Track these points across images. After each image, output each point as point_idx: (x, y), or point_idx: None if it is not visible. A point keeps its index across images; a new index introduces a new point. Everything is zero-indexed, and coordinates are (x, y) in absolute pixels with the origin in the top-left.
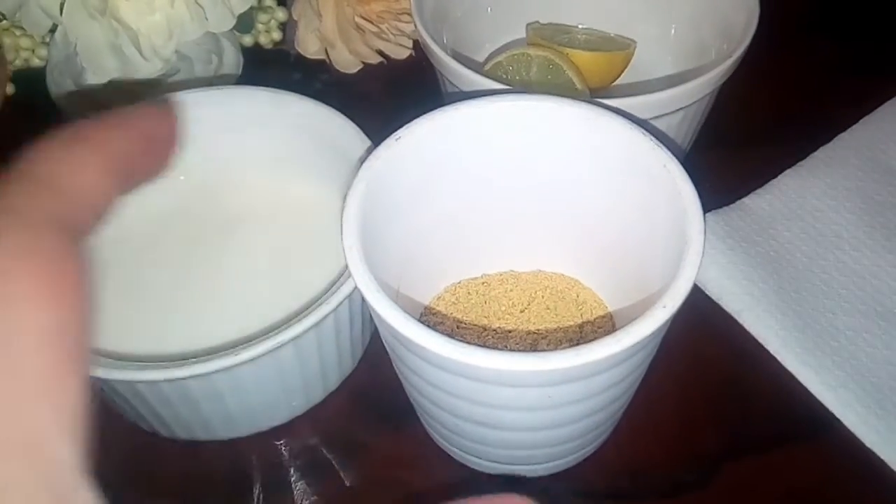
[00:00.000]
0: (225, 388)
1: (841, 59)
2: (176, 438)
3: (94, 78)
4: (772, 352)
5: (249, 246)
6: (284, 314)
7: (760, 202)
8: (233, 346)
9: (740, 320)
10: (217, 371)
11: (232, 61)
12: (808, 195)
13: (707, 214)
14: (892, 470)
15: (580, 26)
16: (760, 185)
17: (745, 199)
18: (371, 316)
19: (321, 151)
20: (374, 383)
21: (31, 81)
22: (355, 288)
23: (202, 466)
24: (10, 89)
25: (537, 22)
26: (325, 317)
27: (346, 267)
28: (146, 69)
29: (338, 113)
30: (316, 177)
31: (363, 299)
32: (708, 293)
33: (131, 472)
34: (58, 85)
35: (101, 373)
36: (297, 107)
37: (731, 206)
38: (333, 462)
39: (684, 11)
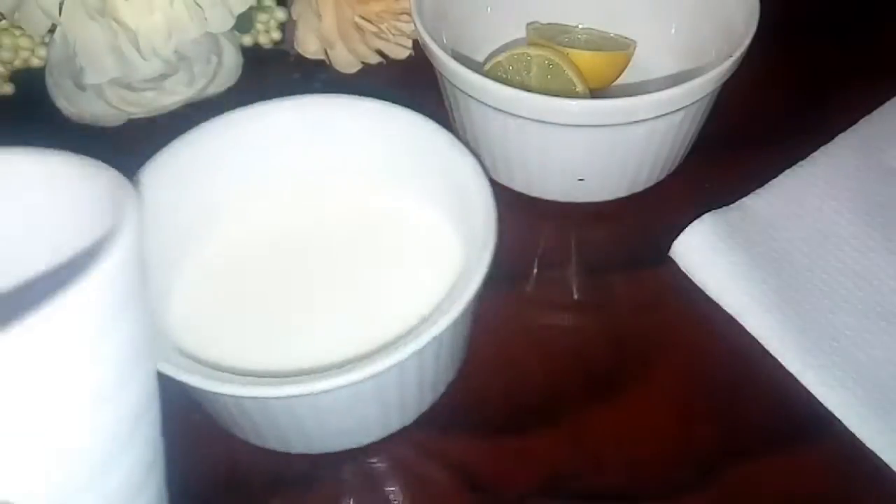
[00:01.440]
0: (325, 406)
1: (841, 59)
2: (269, 448)
3: (93, 78)
4: (772, 352)
5: (345, 258)
6: (380, 331)
7: (760, 202)
8: (337, 363)
9: (740, 320)
10: (320, 392)
11: (231, 61)
12: (808, 195)
13: (707, 214)
14: (892, 471)
15: (580, 26)
16: (760, 185)
17: (745, 199)
18: (465, 335)
19: (423, 168)
20: (469, 401)
21: (31, 81)
22: (461, 313)
23: (290, 477)
24: (9, 89)
25: (537, 22)
26: (428, 343)
27: (450, 293)
28: (145, 69)
29: (444, 130)
30: (415, 192)
31: None
32: (708, 293)
33: (220, 478)
34: (57, 85)
35: (204, 383)
36: (401, 120)
37: (731, 206)
38: (419, 483)
39: (684, 11)
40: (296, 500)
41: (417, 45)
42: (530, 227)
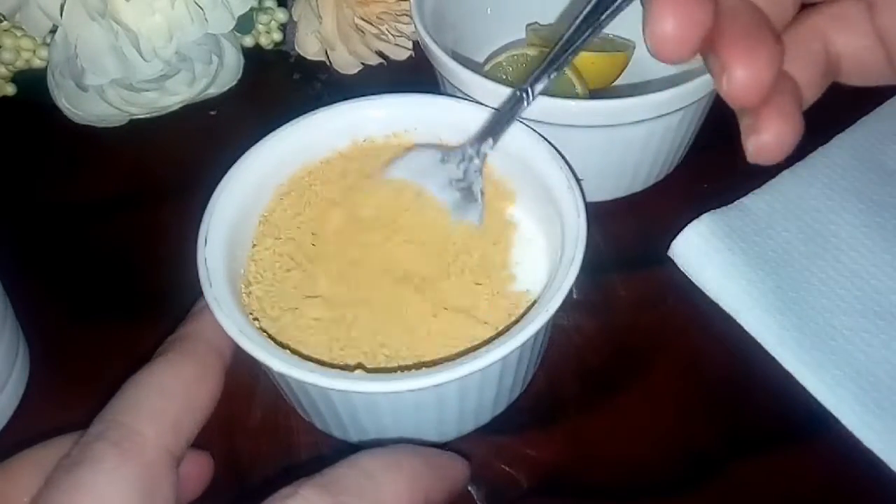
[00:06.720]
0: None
1: None
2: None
3: (94, 79)
4: (770, 351)
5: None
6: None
7: (760, 202)
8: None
9: (739, 320)
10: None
11: (232, 62)
12: (807, 195)
13: (706, 214)
14: (890, 469)
15: None
16: (760, 185)
17: (745, 199)
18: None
19: (527, 180)
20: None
21: (32, 82)
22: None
23: None
24: (11, 90)
25: (537, 23)
26: (512, 351)
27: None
28: (146, 70)
29: (544, 141)
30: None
31: None
32: (708, 293)
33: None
34: (59, 86)
35: (298, 374)
36: (517, 136)
37: (731, 206)
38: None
39: None
40: None
41: (417, 46)
42: None
